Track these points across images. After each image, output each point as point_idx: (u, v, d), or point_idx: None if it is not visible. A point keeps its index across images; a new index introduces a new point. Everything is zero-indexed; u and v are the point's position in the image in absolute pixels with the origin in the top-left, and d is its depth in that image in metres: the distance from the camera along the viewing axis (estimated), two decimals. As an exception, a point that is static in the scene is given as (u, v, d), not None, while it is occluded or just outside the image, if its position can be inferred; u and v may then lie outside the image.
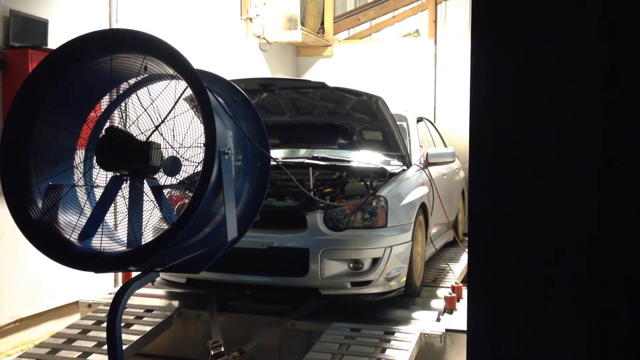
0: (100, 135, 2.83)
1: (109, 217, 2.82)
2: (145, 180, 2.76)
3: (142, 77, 2.82)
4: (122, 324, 3.45)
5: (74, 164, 2.89)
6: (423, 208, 4.84)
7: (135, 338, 3.83)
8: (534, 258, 1.74)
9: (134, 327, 4.01)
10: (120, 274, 5.65)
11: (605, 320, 1.67)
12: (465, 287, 4.58)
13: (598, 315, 1.67)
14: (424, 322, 4.10)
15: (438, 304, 4.52)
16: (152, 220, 2.75)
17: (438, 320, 4.15)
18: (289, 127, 5.15)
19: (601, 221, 1.66)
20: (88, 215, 2.79)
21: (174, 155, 2.75)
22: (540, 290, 1.74)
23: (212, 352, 3.57)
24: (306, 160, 5.10)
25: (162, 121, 2.74)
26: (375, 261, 4.11)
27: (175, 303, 4.50)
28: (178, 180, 2.81)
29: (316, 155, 5.37)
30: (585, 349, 1.70)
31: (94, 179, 2.87)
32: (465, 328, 1.91)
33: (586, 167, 1.67)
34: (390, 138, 4.88)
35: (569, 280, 1.70)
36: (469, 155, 1.83)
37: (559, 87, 1.69)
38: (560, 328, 1.72)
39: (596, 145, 1.66)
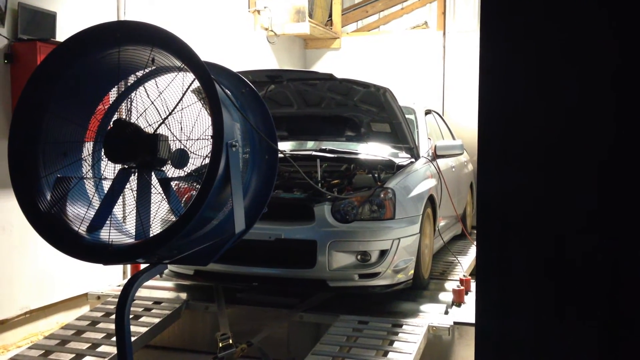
0: (108, 128, 2.83)
1: (117, 210, 2.82)
2: (153, 173, 2.76)
3: (149, 69, 2.82)
4: (131, 316, 3.47)
5: (82, 157, 2.89)
6: (431, 200, 4.83)
7: (143, 330, 3.85)
8: (543, 251, 1.73)
9: (143, 319, 4.04)
10: (128, 266, 5.68)
11: (617, 316, 1.66)
12: (473, 280, 4.58)
13: (609, 311, 1.66)
14: (432, 314, 4.10)
15: (446, 296, 4.51)
16: (160, 212, 2.75)
17: (446, 313, 4.15)
18: (297, 119, 5.14)
19: (612, 211, 1.65)
20: (96, 208, 2.80)
21: (182, 147, 2.75)
22: (549, 283, 1.74)
23: (220, 344, 3.58)
24: (314, 153, 5.09)
25: (170, 113, 2.74)
26: (383, 253, 4.11)
27: (184, 295, 4.52)
28: (186, 173, 2.81)
29: (324, 147, 5.36)
30: (596, 343, 1.69)
31: (102, 172, 2.87)
32: (473, 321, 1.90)
33: (595, 157, 1.65)
34: (399, 130, 4.87)
35: (578, 274, 1.69)
36: (477, 148, 1.82)
37: (568, 78, 1.68)
38: (570, 322, 1.72)
39: (604, 135, 1.64)
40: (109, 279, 5.44)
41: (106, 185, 2.85)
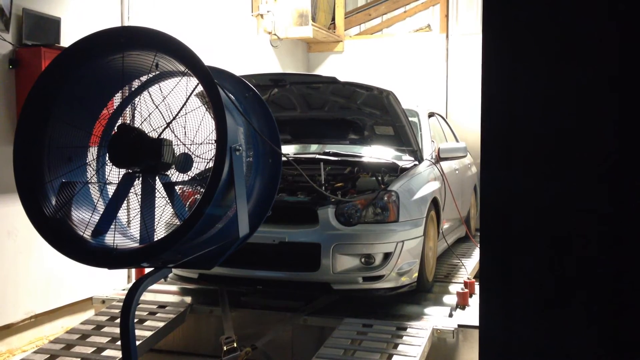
0: (113, 133, 2.85)
1: (121, 214, 2.84)
2: (157, 177, 2.78)
3: (153, 74, 2.83)
4: (136, 320, 3.48)
5: (87, 161, 2.91)
6: (435, 203, 4.83)
7: (148, 334, 3.86)
8: (547, 253, 1.74)
9: (148, 323, 4.04)
10: (133, 270, 5.69)
11: (620, 319, 1.66)
12: (477, 283, 4.58)
13: (612, 314, 1.67)
14: (437, 317, 4.10)
15: (450, 299, 4.51)
16: (165, 216, 2.76)
17: (450, 315, 4.14)
18: (300, 122, 5.16)
19: (615, 213, 1.65)
20: (101, 212, 2.81)
21: (186, 151, 2.76)
22: (552, 285, 1.74)
23: (225, 348, 3.59)
24: (317, 156, 5.10)
25: (174, 118, 2.75)
26: (387, 256, 4.11)
27: (188, 299, 4.52)
28: (190, 177, 2.82)
29: (327, 150, 5.37)
30: (599, 347, 1.69)
31: (106, 176, 2.89)
32: (477, 324, 1.90)
33: (599, 158, 1.66)
34: (402, 133, 4.87)
35: (582, 277, 1.69)
36: (480, 151, 1.83)
37: (572, 81, 1.68)
38: (573, 324, 1.72)
39: (607, 138, 1.65)
40: (114, 283, 5.45)
41: (111, 189, 2.87)
